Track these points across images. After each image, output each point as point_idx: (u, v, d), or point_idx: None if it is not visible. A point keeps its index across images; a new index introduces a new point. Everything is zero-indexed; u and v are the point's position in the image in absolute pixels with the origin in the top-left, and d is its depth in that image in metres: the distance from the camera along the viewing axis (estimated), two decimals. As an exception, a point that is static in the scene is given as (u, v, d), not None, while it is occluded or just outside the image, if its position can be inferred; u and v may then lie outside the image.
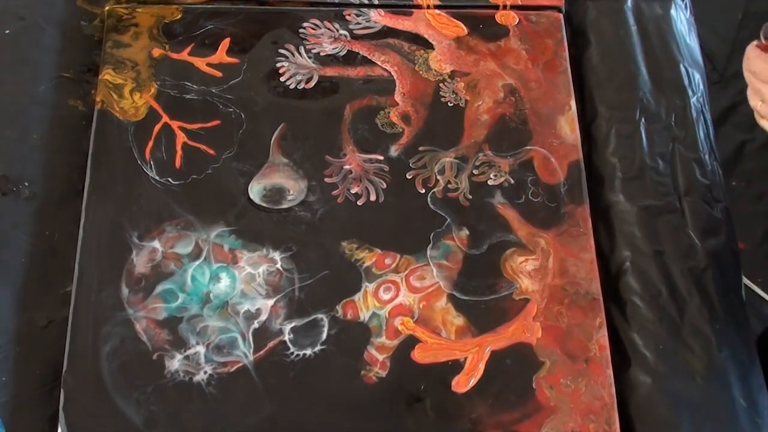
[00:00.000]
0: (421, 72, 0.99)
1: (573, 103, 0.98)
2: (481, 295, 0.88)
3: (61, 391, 0.81)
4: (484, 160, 0.95)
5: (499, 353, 0.85)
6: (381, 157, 0.94)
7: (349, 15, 1.03)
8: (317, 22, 1.02)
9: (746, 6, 1.71)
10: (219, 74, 0.98)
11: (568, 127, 0.97)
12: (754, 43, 0.79)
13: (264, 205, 0.91)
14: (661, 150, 0.95)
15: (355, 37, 1.01)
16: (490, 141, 0.95)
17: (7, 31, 0.97)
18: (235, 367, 0.83)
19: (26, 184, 0.90)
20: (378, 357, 0.84)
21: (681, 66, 1.01)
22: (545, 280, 0.89)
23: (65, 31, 0.99)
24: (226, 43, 1.00)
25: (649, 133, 0.96)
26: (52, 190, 0.91)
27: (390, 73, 0.99)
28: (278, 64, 0.99)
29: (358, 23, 1.02)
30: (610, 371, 0.85)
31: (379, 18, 1.03)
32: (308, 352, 0.84)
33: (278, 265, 0.88)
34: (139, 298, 0.86)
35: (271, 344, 0.84)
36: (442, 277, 0.88)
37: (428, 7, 1.04)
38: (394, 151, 0.95)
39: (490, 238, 0.90)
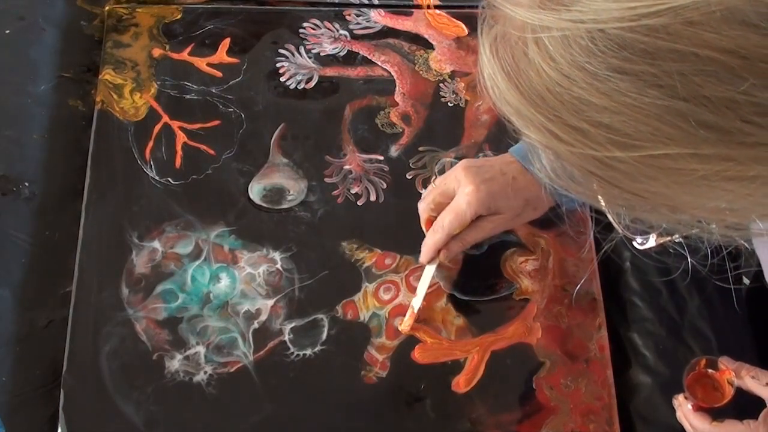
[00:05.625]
0: (421, 72, 0.99)
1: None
2: (481, 295, 0.88)
3: (61, 391, 0.81)
4: (484, 160, 0.94)
5: (499, 353, 0.85)
6: (381, 157, 0.94)
7: (349, 15, 1.03)
8: (317, 22, 1.02)
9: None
10: (219, 74, 0.98)
11: (568, 127, 0.97)
12: None
13: (264, 205, 0.91)
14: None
15: (355, 37, 1.01)
16: (490, 141, 0.95)
17: (7, 31, 0.97)
18: (235, 367, 0.83)
19: (26, 184, 0.90)
20: (378, 357, 0.84)
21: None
22: (545, 280, 0.89)
23: (65, 31, 0.99)
24: (226, 43, 1.00)
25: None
26: (52, 190, 0.91)
27: (390, 73, 0.99)
28: (278, 64, 0.99)
29: (358, 23, 1.02)
30: (610, 371, 0.84)
31: (379, 18, 1.03)
32: (308, 352, 0.84)
33: (278, 265, 0.88)
34: (139, 298, 0.86)
35: (271, 344, 0.84)
36: (442, 277, 0.88)
37: (428, 7, 1.04)
38: (394, 151, 0.95)
39: (490, 238, 0.90)
